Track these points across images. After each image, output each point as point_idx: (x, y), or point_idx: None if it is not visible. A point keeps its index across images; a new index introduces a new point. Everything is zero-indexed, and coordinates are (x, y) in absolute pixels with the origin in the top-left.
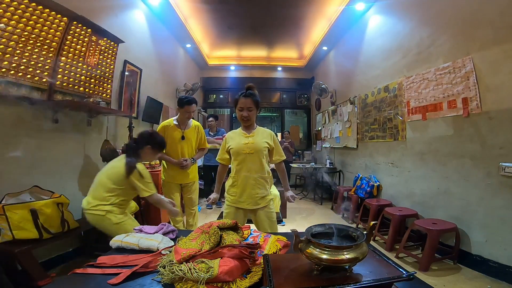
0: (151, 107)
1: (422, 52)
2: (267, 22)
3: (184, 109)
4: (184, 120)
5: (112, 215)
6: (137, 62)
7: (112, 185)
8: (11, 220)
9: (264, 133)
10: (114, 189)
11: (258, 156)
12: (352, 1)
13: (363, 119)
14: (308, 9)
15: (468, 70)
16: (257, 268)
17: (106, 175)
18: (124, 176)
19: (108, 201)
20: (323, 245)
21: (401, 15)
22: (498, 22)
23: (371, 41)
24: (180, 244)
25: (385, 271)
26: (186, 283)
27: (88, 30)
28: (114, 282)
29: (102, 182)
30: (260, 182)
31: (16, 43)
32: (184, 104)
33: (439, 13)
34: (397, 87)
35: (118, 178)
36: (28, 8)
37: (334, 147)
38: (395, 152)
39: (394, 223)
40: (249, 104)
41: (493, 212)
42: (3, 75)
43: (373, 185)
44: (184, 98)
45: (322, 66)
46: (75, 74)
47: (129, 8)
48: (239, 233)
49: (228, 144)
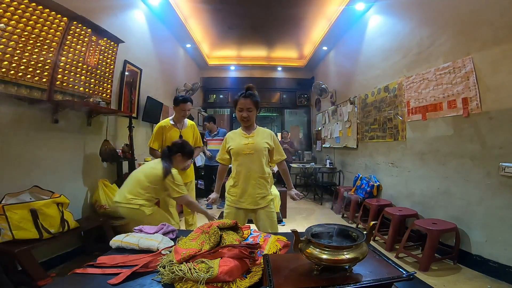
0: (151, 107)
1: (422, 52)
2: (267, 22)
3: (179, 107)
4: (180, 119)
5: (145, 208)
6: (137, 62)
7: (147, 184)
8: (11, 220)
9: (264, 133)
10: (148, 187)
11: (258, 156)
12: (352, 1)
13: (363, 119)
14: (308, 9)
15: (468, 70)
16: (257, 268)
17: (144, 174)
18: (161, 178)
19: (141, 196)
20: (323, 245)
21: (401, 15)
22: (498, 22)
23: (371, 41)
24: (180, 244)
25: (385, 271)
26: (186, 283)
27: (88, 30)
28: (114, 282)
29: (139, 180)
30: (260, 182)
31: (16, 43)
32: (179, 102)
33: (439, 13)
34: (397, 87)
35: (155, 178)
36: (28, 8)
37: (334, 147)
38: (395, 152)
39: (394, 223)
40: (249, 105)
41: (493, 212)
42: (3, 75)
43: (373, 185)
44: (180, 96)
45: (322, 66)
46: (75, 74)
47: (129, 8)
48: (239, 233)
49: (228, 145)
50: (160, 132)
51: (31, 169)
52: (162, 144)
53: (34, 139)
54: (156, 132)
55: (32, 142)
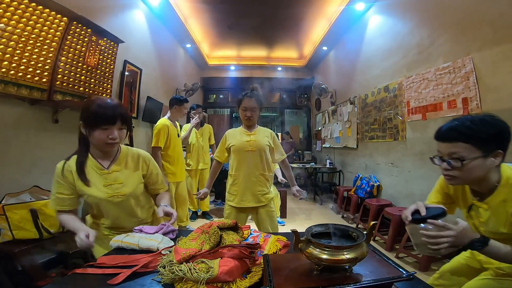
0: (151, 107)
1: (422, 52)
2: (267, 22)
3: (183, 106)
4: (178, 118)
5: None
6: (137, 62)
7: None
8: (11, 220)
9: (265, 132)
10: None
11: (260, 153)
12: (352, 1)
13: (363, 119)
14: (308, 9)
15: (468, 70)
16: (257, 268)
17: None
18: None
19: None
20: (323, 245)
21: (401, 15)
22: (498, 22)
23: (371, 41)
24: (180, 244)
25: (385, 271)
26: (186, 283)
27: (88, 30)
28: (114, 282)
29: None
30: (261, 180)
31: (16, 43)
32: (183, 102)
33: (439, 13)
34: (397, 87)
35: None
36: (28, 8)
37: (334, 147)
38: (395, 152)
39: (394, 223)
40: (253, 104)
41: None
42: (3, 75)
43: (373, 185)
44: (181, 96)
45: (322, 66)
46: (75, 74)
47: (129, 8)
48: (239, 233)
49: (228, 142)
50: (166, 131)
51: (31, 169)
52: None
53: (34, 139)
54: (162, 131)
55: (32, 142)
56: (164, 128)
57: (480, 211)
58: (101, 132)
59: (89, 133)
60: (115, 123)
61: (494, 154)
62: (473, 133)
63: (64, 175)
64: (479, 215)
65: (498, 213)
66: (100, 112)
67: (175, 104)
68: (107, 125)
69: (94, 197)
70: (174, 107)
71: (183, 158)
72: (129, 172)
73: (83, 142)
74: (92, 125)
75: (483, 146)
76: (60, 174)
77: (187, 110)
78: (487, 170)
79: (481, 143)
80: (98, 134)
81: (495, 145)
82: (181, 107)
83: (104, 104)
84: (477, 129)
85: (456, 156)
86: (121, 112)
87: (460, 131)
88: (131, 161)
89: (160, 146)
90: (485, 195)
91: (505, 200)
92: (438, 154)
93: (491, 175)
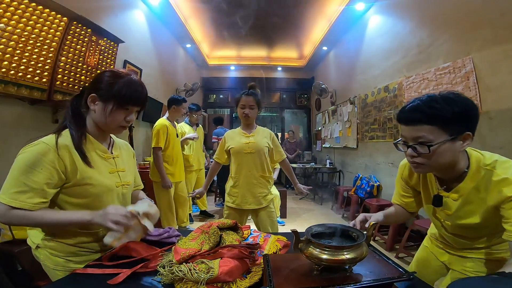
0: (151, 107)
1: (422, 52)
2: (267, 22)
3: (181, 106)
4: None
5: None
6: (137, 62)
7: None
8: None
9: (264, 132)
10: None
11: (259, 155)
12: (352, 1)
13: (363, 119)
14: (308, 9)
15: (468, 70)
16: (257, 268)
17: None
18: None
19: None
20: (323, 245)
21: (401, 15)
22: (498, 22)
23: (371, 41)
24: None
25: (385, 271)
26: (186, 283)
27: (88, 30)
28: (114, 282)
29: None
30: (261, 181)
31: (16, 43)
32: (181, 101)
33: (439, 13)
34: (397, 87)
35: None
36: (28, 8)
37: (334, 147)
38: (395, 152)
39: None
40: (251, 102)
41: None
42: (3, 75)
43: (373, 185)
44: (178, 96)
45: (322, 66)
46: (75, 74)
47: (129, 8)
48: (239, 233)
49: (227, 144)
50: (165, 131)
51: None
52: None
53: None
54: (161, 131)
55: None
56: (163, 128)
57: (447, 203)
58: (123, 112)
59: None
60: (142, 105)
61: (463, 136)
62: (437, 112)
63: (60, 154)
64: (446, 207)
65: (471, 201)
66: (132, 91)
67: (173, 104)
68: (135, 106)
69: (102, 186)
70: (172, 107)
71: (182, 158)
72: (127, 159)
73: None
74: (119, 102)
75: (449, 127)
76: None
77: (185, 110)
78: (456, 155)
79: (447, 124)
80: (119, 114)
81: (462, 126)
82: (179, 107)
83: (136, 82)
84: (441, 108)
85: (422, 141)
86: (147, 94)
87: (423, 110)
88: (123, 148)
89: (160, 147)
90: (453, 184)
91: (477, 187)
92: (402, 139)
93: (459, 161)
